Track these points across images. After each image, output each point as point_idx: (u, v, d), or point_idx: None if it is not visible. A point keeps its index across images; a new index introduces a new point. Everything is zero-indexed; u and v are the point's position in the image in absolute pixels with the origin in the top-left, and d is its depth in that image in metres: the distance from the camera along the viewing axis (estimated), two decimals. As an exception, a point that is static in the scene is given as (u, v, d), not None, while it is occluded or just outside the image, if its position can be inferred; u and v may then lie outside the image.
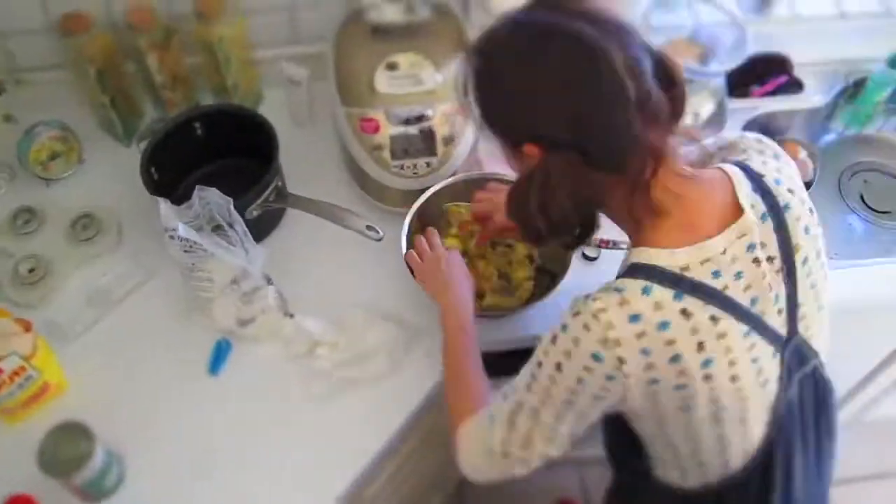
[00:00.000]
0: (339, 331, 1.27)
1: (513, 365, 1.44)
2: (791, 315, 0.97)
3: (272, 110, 1.45)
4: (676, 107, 0.90)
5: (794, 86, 1.70)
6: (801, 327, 0.98)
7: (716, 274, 0.90)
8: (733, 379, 0.92)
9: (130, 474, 1.18)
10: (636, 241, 0.96)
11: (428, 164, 1.35)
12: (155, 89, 1.50)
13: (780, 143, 1.65)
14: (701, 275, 0.90)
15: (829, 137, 1.78)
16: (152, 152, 1.34)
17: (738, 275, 0.91)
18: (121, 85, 1.49)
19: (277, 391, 1.26)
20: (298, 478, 1.18)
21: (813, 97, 1.71)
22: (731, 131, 1.11)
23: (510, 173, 1.35)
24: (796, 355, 0.99)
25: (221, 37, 1.42)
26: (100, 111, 1.50)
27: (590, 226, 0.97)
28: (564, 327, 0.92)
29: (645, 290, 0.89)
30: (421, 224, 1.35)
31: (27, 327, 1.18)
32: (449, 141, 1.35)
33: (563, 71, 0.85)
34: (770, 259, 0.94)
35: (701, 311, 0.89)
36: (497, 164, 1.50)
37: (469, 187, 1.36)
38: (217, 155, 1.47)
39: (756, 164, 1.00)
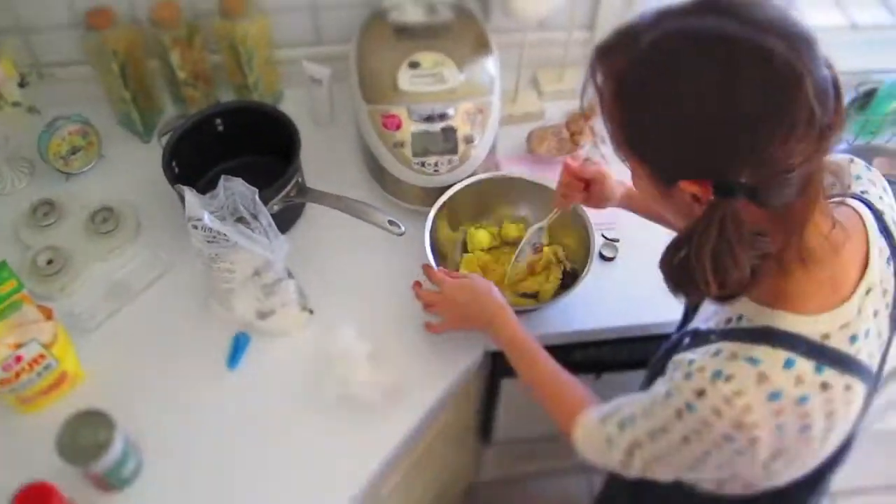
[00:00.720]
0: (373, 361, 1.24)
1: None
2: (884, 354, 0.93)
3: (291, 109, 1.46)
4: (839, 127, 0.79)
5: (807, 95, 1.71)
6: (886, 364, 0.94)
7: (853, 339, 0.84)
8: (838, 435, 0.89)
9: (147, 465, 1.18)
10: (772, 296, 0.85)
11: (449, 162, 1.36)
12: (176, 86, 1.51)
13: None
14: (840, 342, 0.83)
15: (840, 147, 1.80)
16: (174, 146, 1.35)
17: (867, 333, 0.86)
18: (142, 81, 1.50)
19: (294, 386, 1.26)
20: (315, 473, 1.18)
21: (825, 106, 1.72)
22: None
23: (531, 175, 1.37)
24: (875, 387, 0.93)
25: (245, 34, 1.43)
26: (120, 106, 1.50)
27: (753, 280, 0.83)
28: (691, 407, 0.83)
29: (787, 364, 0.81)
30: (441, 220, 1.36)
31: (49, 315, 1.18)
32: (469, 140, 1.36)
33: (755, 98, 0.72)
34: (888, 305, 0.89)
35: (838, 381, 0.82)
36: (516, 165, 1.52)
37: (490, 187, 1.37)
38: (236, 152, 1.48)
39: (874, 198, 0.93)
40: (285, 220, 1.41)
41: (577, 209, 1.31)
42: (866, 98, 1.73)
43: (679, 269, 0.81)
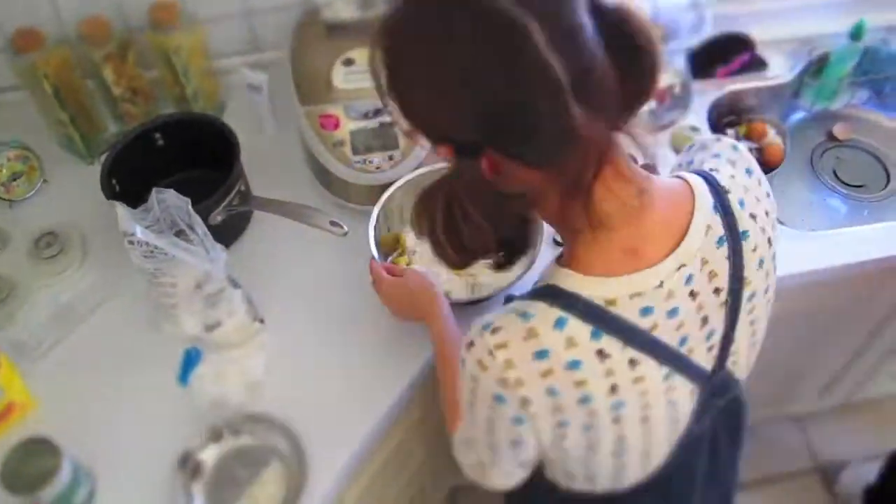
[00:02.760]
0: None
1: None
2: (722, 351, 0.89)
3: (236, 118, 1.44)
4: (641, 83, 0.73)
5: (759, 64, 1.70)
6: (728, 363, 0.91)
7: (646, 311, 0.79)
8: (644, 420, 0.85)
9: (102, 490, 1.15)
10: (567, 257, 0.82)
11: (390, 158, 1.33)
12: (114, 103, 1.48)
13: (749, 123, 1.68)
14: (628, 311, 0.78)
15: (798, 115, 1.78)
16: (112, 164, 1.32)
17: (673, 312, 0.80)
18: (79, 101, 1.47)
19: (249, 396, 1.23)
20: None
21: (778, 74, 1.70)
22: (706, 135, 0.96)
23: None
24: (717, 389, 0.91)
25: (178, 46, 1.41)
26: (59, 129, 1.48)
27: (521, 244, 0.84)
28: (463, 362, 0.81)
29: (559, 323, 0.76)
30: (387, 219, 1.34)
31: (-12, 344, 1.16)
32: (411, 134, 1.34)
33: (463, 52, 0.68)
34: (717, 291, 0.84)
35: (619, 352, 0.78)
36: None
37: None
38: (180, 166, 1.45)
39: (724, 176, 0.87)
40: (232, 230, 1.39)
41: None
42: (820, 63, 1.71)
43: (426, 234, 0.78)
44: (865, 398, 2.13)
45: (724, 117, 1.70)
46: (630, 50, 0.71)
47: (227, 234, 1.35)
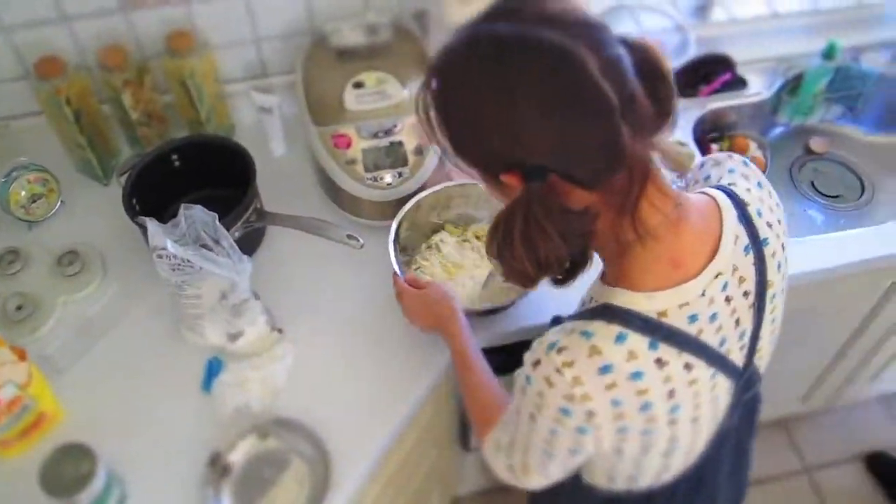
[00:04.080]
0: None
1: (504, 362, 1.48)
2: (751, 348, 0.97)
3: (245, 140, 1.50)
4: (663, 107, 0.80)
5: (739, 83, 1.79)
6: (755, 358, 1.00)
7: (692, 318, 0.86)
8: (694, 420, 0.93)
9: (132, 494, 1.20)
10: (614, 276, 0.90)
11: (399, 175, 1.40)
12: (131, 127, 1.54)
13: (732, 138, 1.77)
14: (678, 320, 0.86)
15: (777, 131, 1.88)
16: (133, 183, 1.38)
17: (713, 317, 0.88)
18: (97, 125, 1.53)
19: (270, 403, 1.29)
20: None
21: (757, 92, 1.80)
22: (718, 153, 1.05)
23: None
24: (746, 384, 1.00)
25: (192, 70, 1.47)
26: (77, 152, 1.54)
27: (582, 259, 0.88)
28: (528, 379, 0.88)
29: (619, 338, 0.84)
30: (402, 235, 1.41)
31: (22, 356, 1.20)
32: (418, 152, 1.42)
33: (531, 87, 0.74)
34: (746, 294, 0.92)
35: (676, 359, 0.86)
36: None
37: (447, 194, 1.43)
38: (196, 186, 1.51)
39: (741, 190, 0.95)
40: (247, 247, 1.44)
41: None
42: (796, 81, 1.81)
43: (500, 255, 0.83)
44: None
45: (708, 133, 1.79)
46: (655, 78, 0.79)
47: (243, 249, 1.40)
